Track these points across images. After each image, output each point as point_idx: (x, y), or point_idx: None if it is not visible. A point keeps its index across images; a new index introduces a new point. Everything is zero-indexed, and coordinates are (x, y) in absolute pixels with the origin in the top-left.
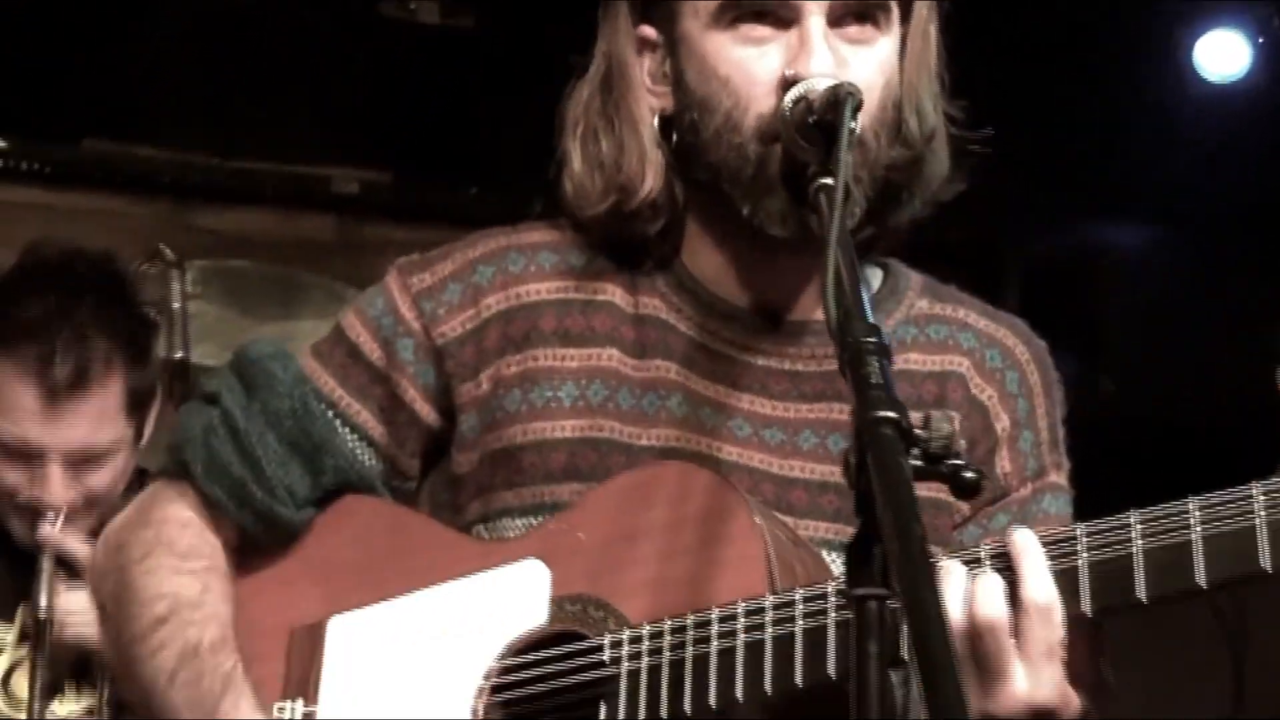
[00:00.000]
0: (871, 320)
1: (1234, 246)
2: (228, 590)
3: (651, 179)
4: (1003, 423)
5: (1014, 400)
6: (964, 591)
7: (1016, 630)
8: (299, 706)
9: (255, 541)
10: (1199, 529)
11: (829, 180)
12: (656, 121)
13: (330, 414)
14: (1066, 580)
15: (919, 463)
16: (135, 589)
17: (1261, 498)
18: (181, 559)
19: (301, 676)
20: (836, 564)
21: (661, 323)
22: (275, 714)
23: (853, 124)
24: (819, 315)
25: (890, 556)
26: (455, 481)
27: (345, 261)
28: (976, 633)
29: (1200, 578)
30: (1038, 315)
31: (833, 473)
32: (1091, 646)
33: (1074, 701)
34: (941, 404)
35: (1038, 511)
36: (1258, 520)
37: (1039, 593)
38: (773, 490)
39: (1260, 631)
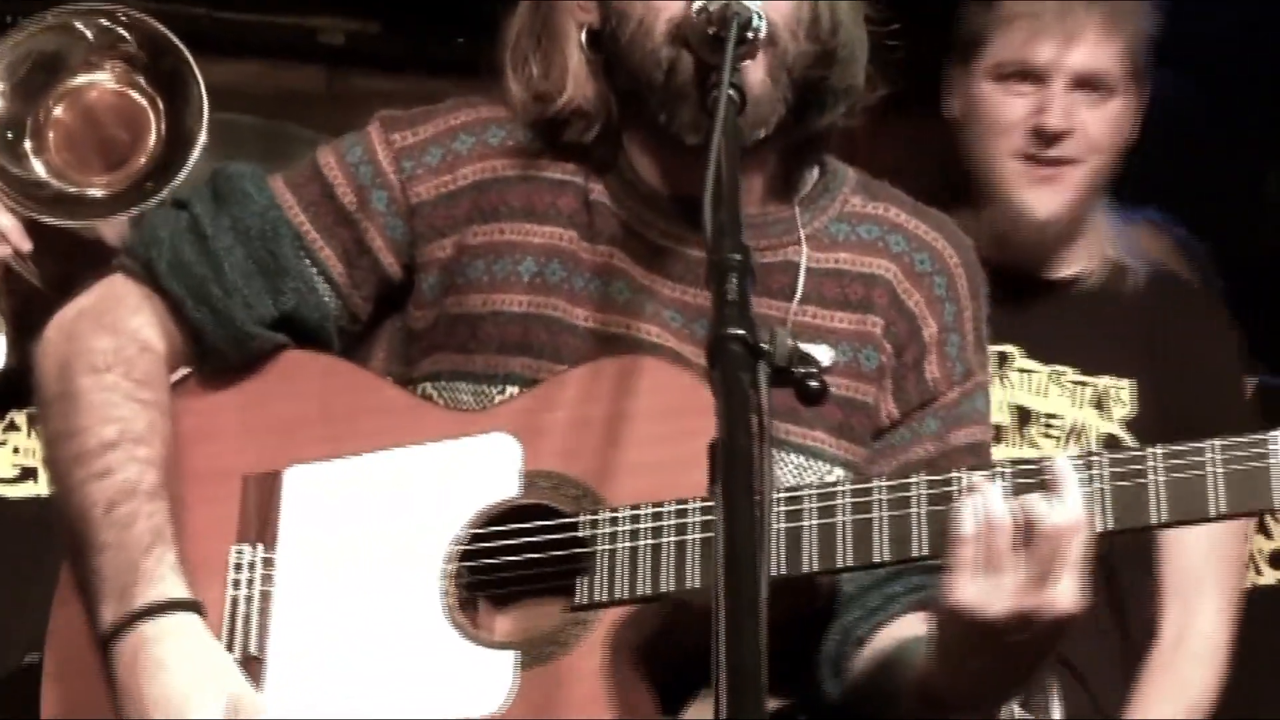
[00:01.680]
0: (743, 237)
1: None
2: (169, 433)
3: (573, 89)
4: (930, 329)
5: (941, 305)
6: (1002, 498)
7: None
8: (258, 551)
9: (211, 357)
10: (1218, 467)
11: (731, 92)
12: (584, 34)
13: (299, 244)
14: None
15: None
16: (88, 403)
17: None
18: (136, 385)
19: (259, 522)
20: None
21: (606, 209)
22: (232, 557)
23: (752, 33)
24: (746, 211)
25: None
26: (410, 335)
27: (333, 113)
28: (1037, 536)
29: (1214, 509)
30: None
31: None
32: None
33: (1082, 609)
34: (867, 308)
35: (970, 411)
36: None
37: (1078, 513)
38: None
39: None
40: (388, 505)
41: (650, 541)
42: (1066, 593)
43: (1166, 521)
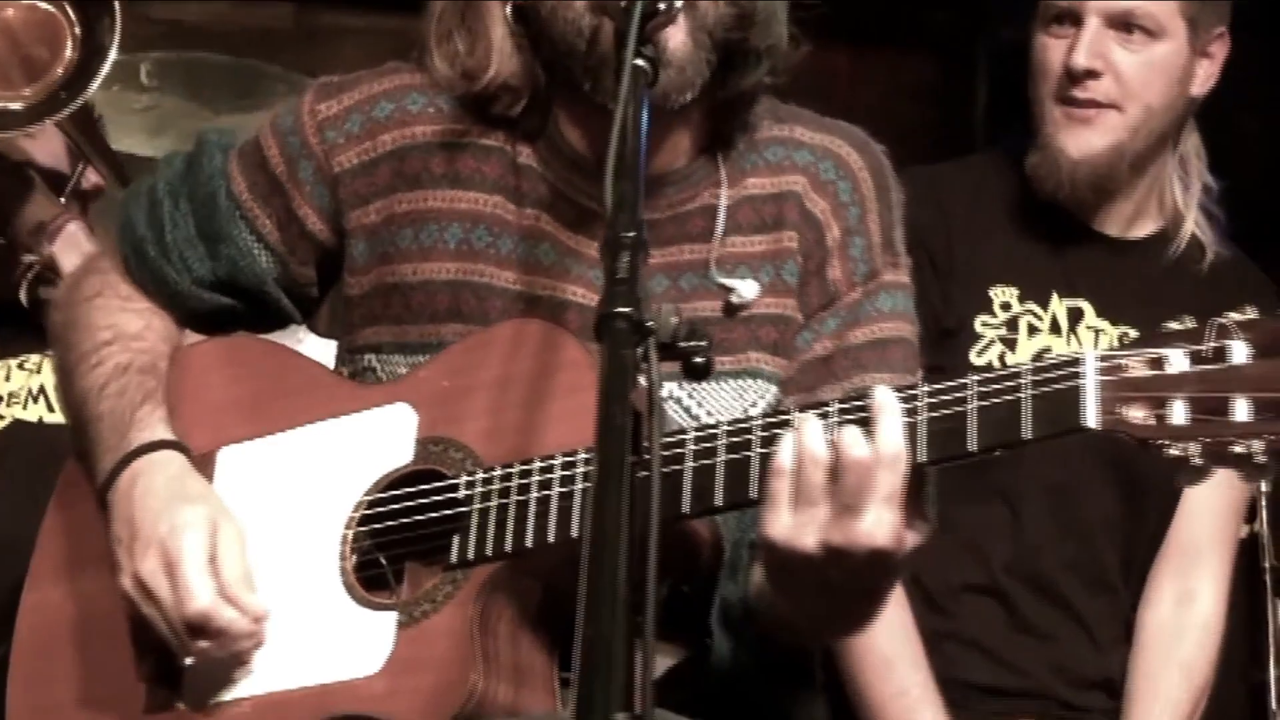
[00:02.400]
0: (639, 213)
1: None
2: (168, 331)
3: (498, 65)
4: (834, 233)
5: (846, 209)
6: (824, 433)
7: (870, 475)
8: None
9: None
10: (1029, 391)
11: (639, 62)
12: (510, 9)
13: (236, 212)
14: (908, 430)
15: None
16: (84, 319)
17: (1095, 362)
18: (125, 300)
19: None
20: (694, 395)
21: (534, 173)
22: None
23: (665, 1)
24: (672, 168)
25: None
26: (348, 302)
27: (302, 50)
28: (840, 469)
29: (1026, 433)
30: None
31: (684, 310)
32: (920, 492)
33: (906, 544)
34: (780, 224)
35: (871, 311)
36: (1084, 383)
37: (892, 445)
38: None
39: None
40: (303, 479)
41: (518, 499)
42: (880, 526)
43: (981, 448)
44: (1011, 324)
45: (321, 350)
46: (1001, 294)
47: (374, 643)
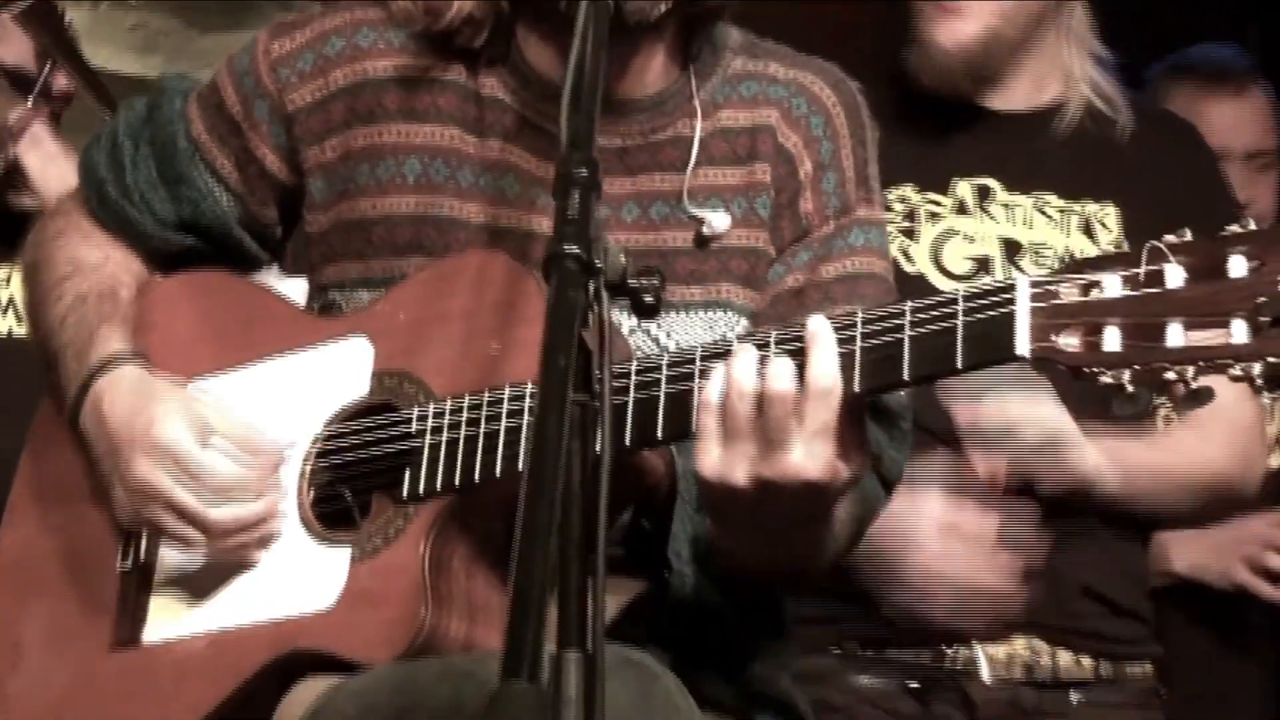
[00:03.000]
0: (592, 150)
1: None
2: (129, 262)
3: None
4: (806, 167)
5: (818, 144)
6: (756, 366)
7: (799, 408)
8: None
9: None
10: (961, 319)
11: None
12: None
13: (195, 154)
14: (845, 360)
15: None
16: (48, 257)
17: (1028, 289)
18: (85, 236)
19: None
20: (663, 325)
21: (500, 104)
22: None
23: None
24: (645, 93)
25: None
26: (309, 240)
27: None
28: (765, 402)
29: (959, 362)
30: None
31: (655, 240)
32: (859, 420)
33: (842, 474)
34: (753, 157)
35: (843, 246)
36: (1016, 310)
37: (823, 377)
38: None
39: None
40: (264, 412)
41: (467, 433)
42: (812, 459)
43: (914, 378)
44: (910, 215)
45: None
46: (896, 193)
47: (328, 578)
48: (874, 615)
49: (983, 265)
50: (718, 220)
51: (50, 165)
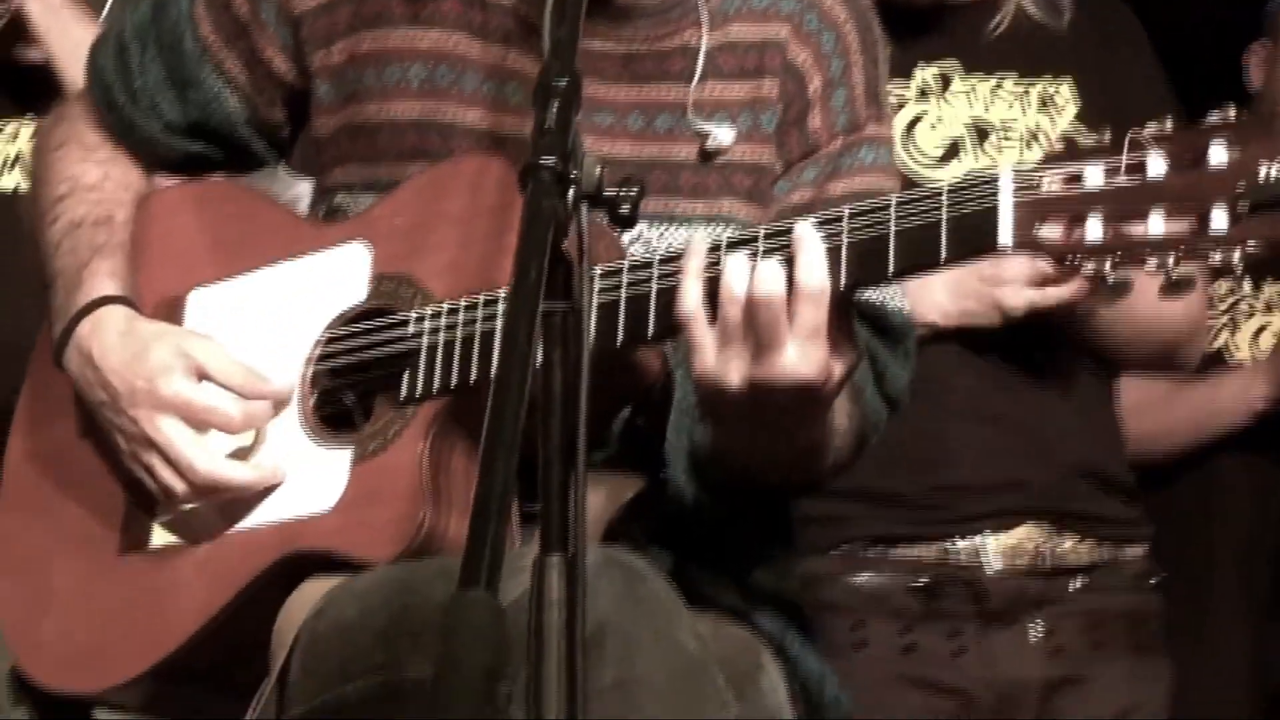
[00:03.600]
0: (574, 61)
1: None
2: (129, 179)
3: None
4: (815, 84)
5: (828, 60)
6: (746, 271)
7: (790, 310)
8: None
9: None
10: (945, 212)
11: None
12: None
13: (203, 56)
14: (831, 255)
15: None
16: (47, 172)
17: (1011, 181)
18: (87, 150)
19: None
20: (664, 237)
21: (503, 8)
22: None
23: None
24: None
25: None
26: (317, 144)
27: None
28: (755, 306)
29: (943, 255)
30: None
31: (660, 151)
32: (847, 314)
33: (835, 374)
34: (761, 73)
35: (852, 163)
36: (999, 202)
37: (812, 279)
38: None
39: None
40: (266, 320)
41: (463, 335)
42: (804, 360)
43: (898, 271)
44: None
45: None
46: None
47: (330, 480)
48: (877, 514)
49: (954, 148)
50: (722, 134)
51: (53, 16)
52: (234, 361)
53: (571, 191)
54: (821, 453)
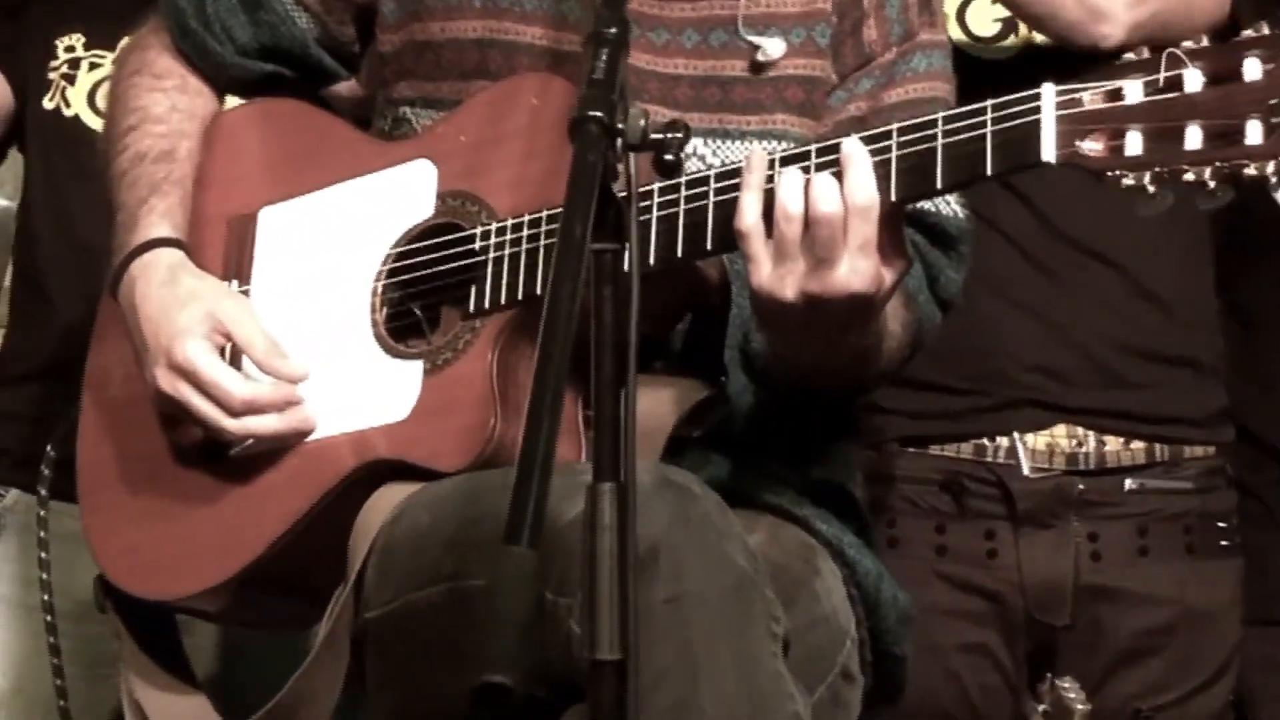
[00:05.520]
0: (624, 9)
1: None
2: (195, 108)
3: None
4: None
5: None
6: (801, 188)
7: (843, 226)
8: (234, 285)
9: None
10: (990, 127)
11: None
12: None
13: None
14: (881, 170)
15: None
16: (119, 99)
17: (1053, 97)
18: (156, 78)
19: (238, 260)
20: (718, 153)
21: None
22: None
23: None
24: None
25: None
26: (381, 59)
27: None
28: (813, 223)
29: (989, 169)
30: None
31: (713, 67)
32: (897, 228)
33: (886, 282)
34: None
35: (906, 71)
36: (1042, 117)
37: (861, 195)
38: (658, 88)
39: None
40: (335, 236)
41: (528, 248)
42: (856, 274)
43: (946, 186)
44: None
45: None
46: None
47: (403, 390)
48: (914, 412)
49: (1010, 23)
50: (772, 46)
51: None
52: (261, 332)
53: (619, 142)
54: (872, 357)
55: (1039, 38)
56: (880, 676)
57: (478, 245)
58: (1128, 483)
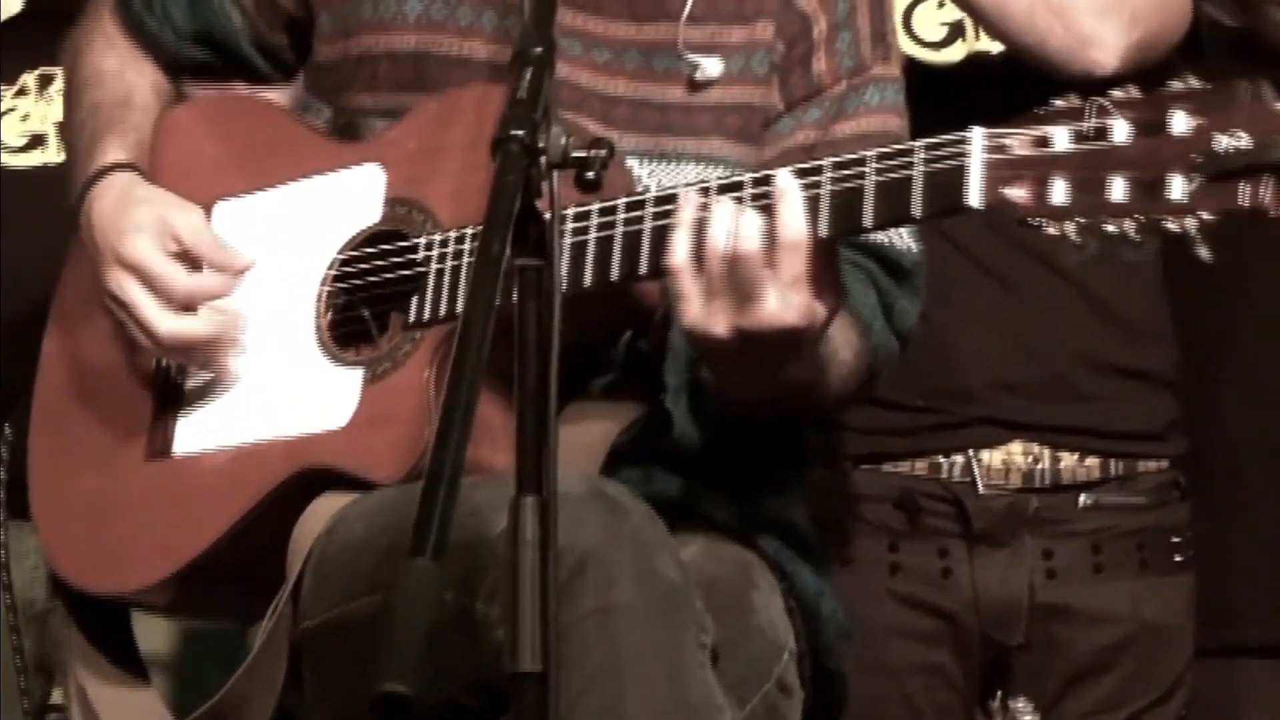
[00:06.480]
0: (550, 28)
1: None
2: (145, 68)
3: None
4: (820, 26)
5: (834, 4)
6: (729, 225)
7: (771, 261)
8: None
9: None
10: (919, 168)
11: None
12: None
13: None
14: (811, 204)
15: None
16: (75, 61)
17: (981, 141)
18: (109, 42)
19: None
20: (654, 174)
21: None
22: None
23: None
24: None
25: None
26: (321, 69)
27: None
28: (735, 260)
29: (917, 210)
30: None
31: (653, 89)
32: (830, 261)
33: (819, 317)
34: (758, 15)
35: (859, 104)
36: (969, 162)
37: (791, 230)
38: (598, 106)
39: None
40: (285, 234)
41: (469, 261)
42: (788, 308)
43: (876, 225)
44: None
45: None
46: None
47: (342, 398)
48: (868, 429)
49: (956, 29)
50: (710, 66)
51: None
52: (207, 230)
53: (542, 161)
54: (818, 389)
55: (987, 46)
56: (819, 691)
57: (420, 255)
58: (1082, 499)
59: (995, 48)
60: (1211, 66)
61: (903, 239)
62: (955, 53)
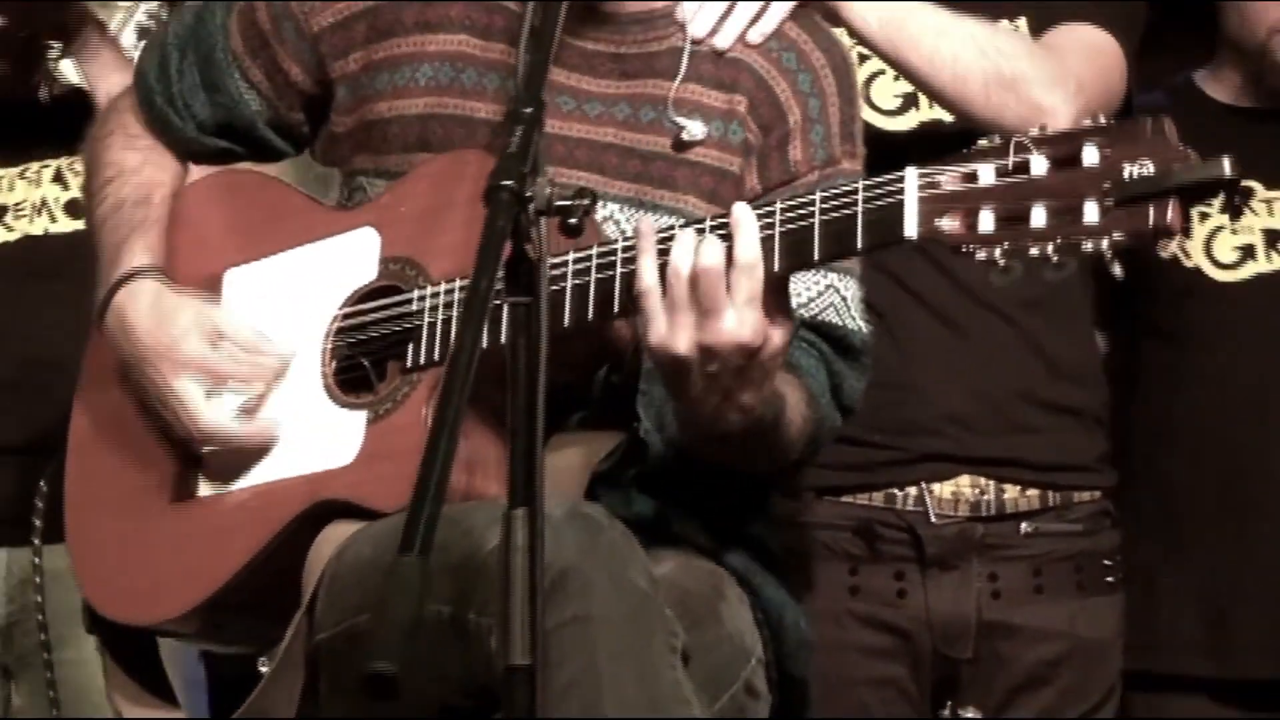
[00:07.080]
0: (541, 91)
1: None
2: (166, 162)
3: None
4: (795, 115)
5: (805, 98)
6: (691, 247)
7: (728, 282)
8: None
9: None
10: (861, 205)
11: None
12: None
13: (231, 64)
14: (765, 243)
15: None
16: (97, 157)
17: (916, 179)
18: (131, 137)
19: None
20: (632, 220)
21: (506, 10)
22: None
23: None
24: (644, 7)
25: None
26: (335, 138)
27: None
28: (697, 276)
29: (859, 244)
30: None
31: (639, 140)
32: (782, 293)
33: (774, 339)
34: (734, 88)
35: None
36: (906, 198)
37: (746, 254)
38: (587, 154)
39: None
40: (290, 297)
41: (459, 311)
42: (743, 325)
43: (822, 258)
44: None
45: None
46: None
47: (349, 437)
48: (830, 464)
49: (912, 97)
50: (694, 128)
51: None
52: (246, 324)
53: (531, 208)
54: (769, 432)
55: (938, 114)
56: (784, 696)
57: (414, 307)
58: (1024, 526)
59: (946, 116)
60: None
61: (855, 320)
62: (909, 120)
